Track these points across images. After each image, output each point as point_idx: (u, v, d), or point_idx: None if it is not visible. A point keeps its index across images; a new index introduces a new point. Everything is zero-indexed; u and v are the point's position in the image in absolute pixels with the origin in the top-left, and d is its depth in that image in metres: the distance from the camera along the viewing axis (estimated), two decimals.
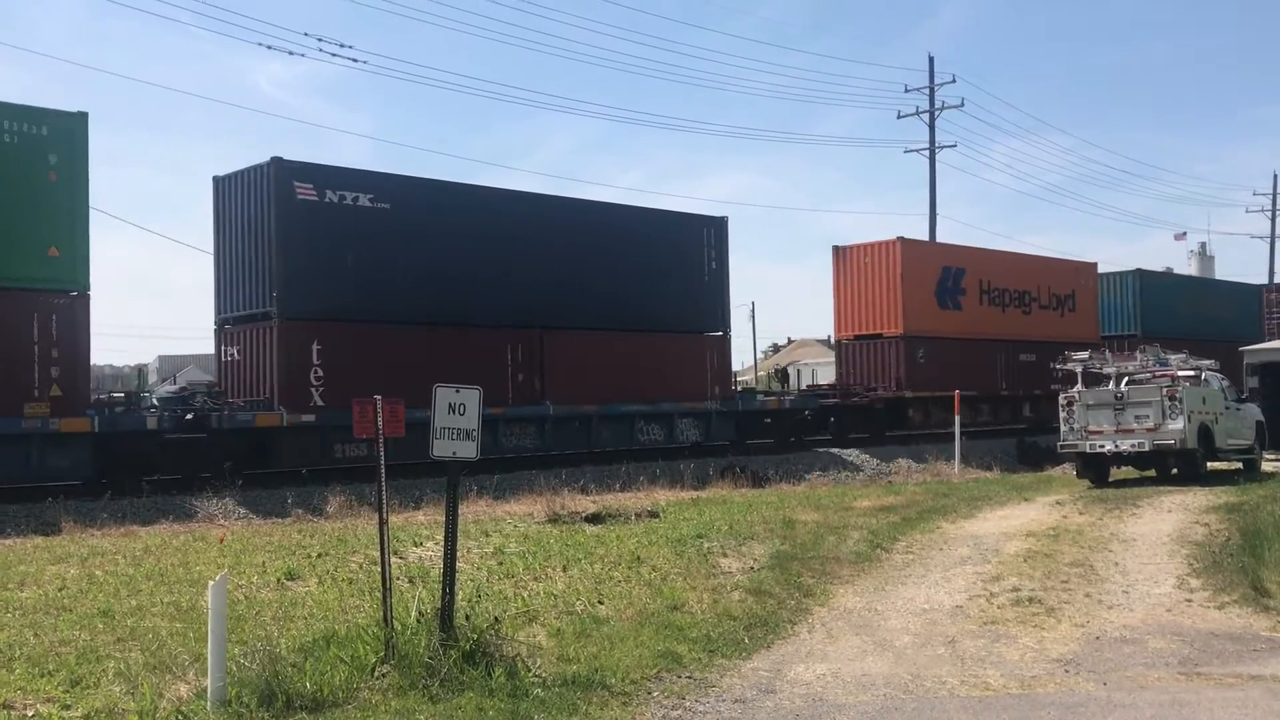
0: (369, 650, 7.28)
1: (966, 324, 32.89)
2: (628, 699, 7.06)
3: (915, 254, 32.23)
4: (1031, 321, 35.70)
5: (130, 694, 6.74)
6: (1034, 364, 34.24)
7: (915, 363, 30.95)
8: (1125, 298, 40.34)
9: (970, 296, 33.51)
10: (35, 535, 14.36)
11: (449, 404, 7.69)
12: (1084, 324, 37.77)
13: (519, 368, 23.34)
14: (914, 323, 31.24)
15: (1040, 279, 36.46)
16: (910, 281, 31.24)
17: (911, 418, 31.20)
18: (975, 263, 34.22)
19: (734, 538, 12.92)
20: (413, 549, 12.39)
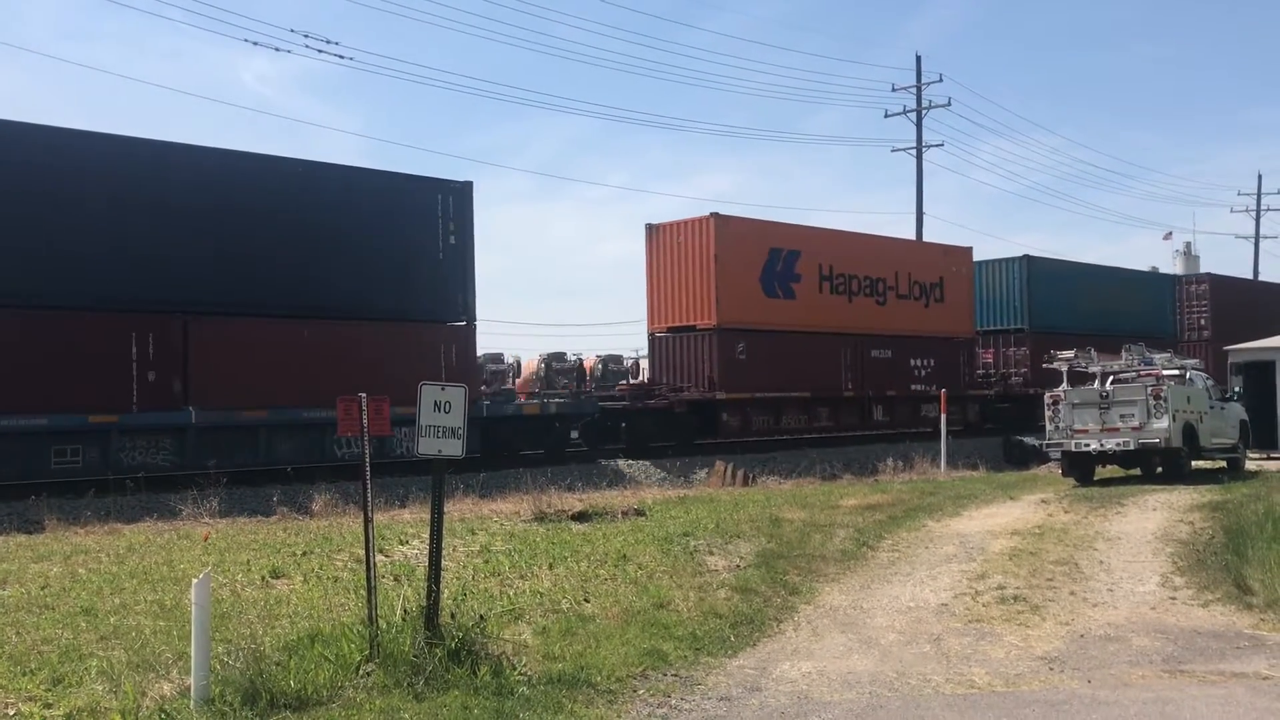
0: (354, 649, 7.26)
1: (802, 315, 29.00)
2: (613, 697, 7.05)
3: (734, 233, 27.63)
4: (887, 313, 31.65)
5: (113, 692, 6.70)
6: (889, 361, 31.33)
7: (732, 359, 27.00)
8: (1011, 287, 36.34)
9: (807, 283, 29.32)
10: (18, 533, 14.28)
11: (434, 401, 7.67)
12: (955, 316, 33.86)
13: (149, 364, 18.93)
14: (731, 313, 27.15)
15: (899, 264, 32.25)
16: (727, 265, 27.02)
17: (726, 423, 27.18)
18: (814, 244, 29.91)
19: (720, 536, 12.92)
20: (398, 547, 12.35)
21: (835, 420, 30.21)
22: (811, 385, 29.00)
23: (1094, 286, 38.20)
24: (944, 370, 32.35)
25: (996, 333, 36.36)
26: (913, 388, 31.81)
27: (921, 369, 32.11)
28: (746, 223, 28.80)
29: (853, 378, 30.28)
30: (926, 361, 32.21)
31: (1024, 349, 35.35)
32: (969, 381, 33.52)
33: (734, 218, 28.12)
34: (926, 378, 32.04)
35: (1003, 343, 36.10)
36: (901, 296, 32.19)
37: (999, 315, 36.42)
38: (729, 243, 27.23)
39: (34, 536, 13.82)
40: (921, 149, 45.71)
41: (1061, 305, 36.31)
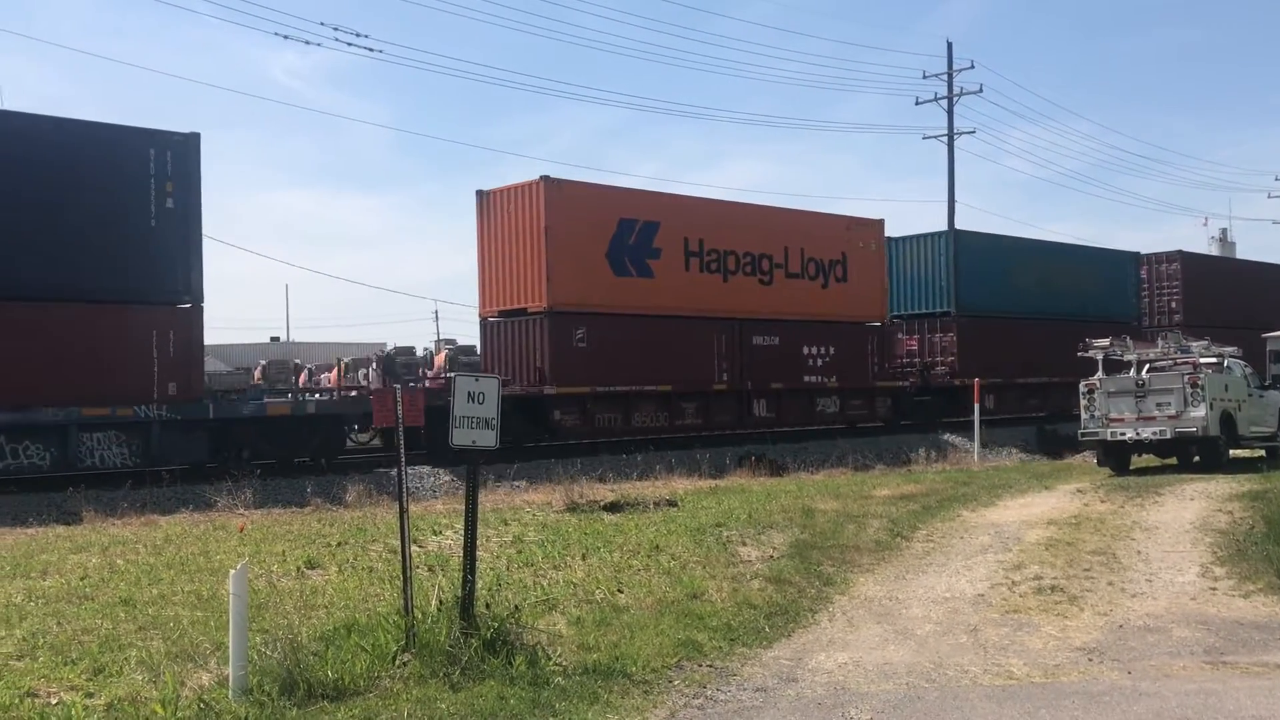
0: (390, 639, 7.28)
1: (662, 296, 24.94)
2: (649, 687, 7.04)
3: (570, 200, 23.67)
4: (774, 294, 27.38)
5: (152, 682, 6.75)
6: (776, 349, 27.14)
7: (568, 348, 23.26)
8: (936, 266, 32.24)
9: (669, 259, 25.20)
10: (57, 525, 14.44)
11: (468, 392, 7.66)
12: (862, 297, 29.61)
13: None
14: (567, 293, 23.31)
15: (789, 239, 27.90)
16: (562, 237, 23.22)
17: (560, 422, 23.32)
18: (678, 215, 25.67)
19: (753, 526, 12.89)
20: (432, 537, 12.40)
21: (705, 418, 25.85)
22: (675, 378, 24.96)
23: (1037, 265, 34.33)
24: (847, 359, 28.66)
25: (921, 317, 32.54)
26: (806, 379, 27.76)
27: (818, 358, 28.06)
28: (587, 188, 24.60)
29: (729, 368, 26.13)
30: (824, 349, 28.19)
31: (950, 335, 31.85)
32: (879, 372, 29.70)
33: (570, 182, 23.98)
34: (824, 368, 28.21)
35: (928, 328, 32.38)
36: (793, 275, 27.86)
37: (923, 298, 32.50)
38: (564, 211, 23.30)
39: (72, 528, 13.97)
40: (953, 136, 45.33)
41: (995, 286, 32.64)
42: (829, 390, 28.38)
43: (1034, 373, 32.90)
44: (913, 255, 32.64)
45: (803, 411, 28.06)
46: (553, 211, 23.23)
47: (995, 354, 31.85)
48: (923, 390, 30.96)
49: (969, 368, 31.00)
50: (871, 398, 29.66)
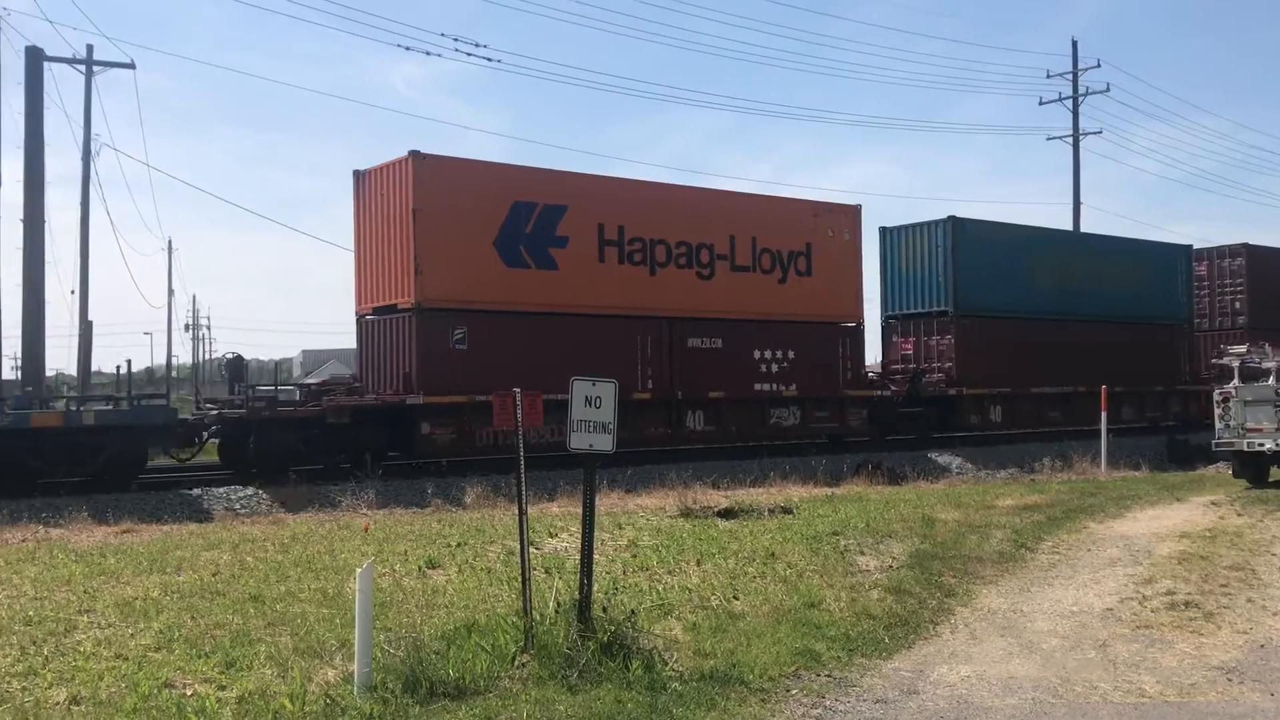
0: (509, 640, 7.36)
1: (567, 291, 21.87)
2: (766, 696, 6.97)
3: (446, 179, 20.63)
4: (715, 290, 23.92)
5: (281, 677, 6.94)
6: (718, 353, 23.71)
7: (442, 350, 20.33)
8: (934, 259, 28.26)
9: (578, 249, 22.06)
10: (190, 522, 14.98)
11: (585, 397, 7.72)
12: (830, 294, 25.67)
13: None
14: (441, 287, 20.36)
15: (737, 226, 24.30)
16: (435, 222, 20.29)
17: (428, 437, 20.23)
18: (591, 198, 22.38)
19: (871, 535, 12.69)
20: (548, 540, 12.51)
21: (629, 429, 21.75)
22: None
23: (1058, 258, 30.35)
24: (810, 365, 25.15)
25: (917, 317, 28.76)
26: (757, 387, 24.22)
27: (772, 363, 24.59)
28: (471, 166, 21.39)
29: (655, 375, 22.83)
30: (780, 353, 24.74)
31: (947, 338, 28.03)
32: (852, 379, 25.92)
33: (447, 158, 21.05)
34: (780, 374, 24.70)
35: (924, 330, 28.61)
36: (740, 269, 24.39)
37: (920, 295, 28.67)
38: (438, 192, 20.42)
39: (204, 525, 14.49)
40: (1078, 136, 44.14)
41: (1005, 282, 28.78)
42: (786, 400, 24.80)
43: (1054, 381, 29.48)
44: (909, 248, 29.04)
45: (751, 424, 24.42)
46: (423, 192, 20.26)
47: (1002, 359, 28.31)
48: (912, 400, 27.23)
49: (969, 374, 27.68)
50: (841, 409, 25.85)
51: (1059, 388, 29.54)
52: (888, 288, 29.33)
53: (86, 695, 6.52)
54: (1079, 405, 29.21)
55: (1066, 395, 29.66)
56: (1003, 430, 28.74)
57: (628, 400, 21.63)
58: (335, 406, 19.68)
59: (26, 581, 9.95)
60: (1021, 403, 29.08)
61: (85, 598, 9.23)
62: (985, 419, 28.22)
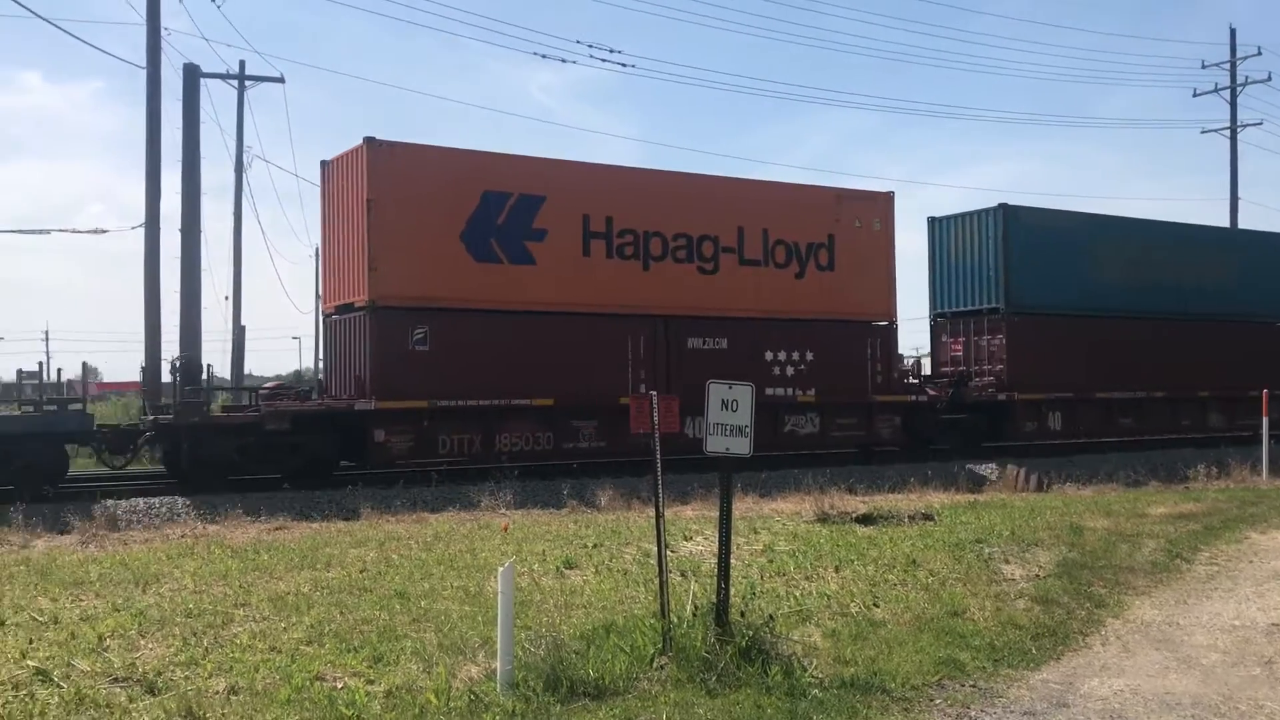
0: (647, 641, 7.38)
1: (545, 288, 20.20)
2: (909, 705, 6.83)
3: (405, 167, 19.15)
4: (721, 286, 22.00)
5: (426, 673, 7.10)
6: (723, 355, 21.75)
7: (401, 351, 18.91)
8: (985, 251, 25.83)
9: (559, 242, 20.35)
10: (338, 519, 15.46)
11: (722, 400, 7.70)
12: (857, 289, 23.37)
13: None
14: (399, 284, 18.94)
15: (746, 217, 22.29)
16: (391, 214, 18.88)
17: (383, 445, 18.81)
18: (573, 187, 20.67)
19: (1016, 543, 12.34)
20: (683, 543, 12.51)
21: (610, 439, 20.57)
22: (563, 389, 20.12)
23: (1130, 249, 27.25)
24: (833, 367, 23.04)
25: (967, 315, 26.40)
26: (769, 392, 22.06)
27: (787, 365, 22.61)
28: (434, 153, 19.73)
29: (649, 378, 20.94)
30: (797, 355, 22.72)
31: (998, 338, 25.62)
32: (883, 383, 23.42)
33: (405, 145, 19.44)
34: (796, 378, 22.67)
35: (974, 329, 26.23)
36: (750, 262, 22.39)
37: (969, 291, 26.33)
38: (396, 182, 19.00)
39: (351, 523, 14.92)
40: (1236, 129, 42.18)
41: (1066, 275, 26.11)
42: (803, 406, 22.72)
43: (1125, 385, 26.69)
44: (959, 239, 26.69)
45: (761, 432, 22.51)
46: (378, 181, 18.86)
47: (1062, 361, 25.69)
48: (957, 406, 24.93)
49: (1023, 377, 25.21)
50: (870, 416, 23.57)
51: (1131, 392, 26.87)
52: (937, 283, 27.18)
53: (244, 686, 6.78)
54: (1155, 412, 27.29)
55: (1140, 401, 27.09)
56: (1062, 439, 26.18)
57: (612, 406, 20.21)
58: (273, 412, 18.47)
59: (186, 575, 10.41)
60: (1086, 409, 26.41)
61: (241, 592, 9.61)
62: (1042, 426, 25.62)
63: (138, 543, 12.79)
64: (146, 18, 24.45)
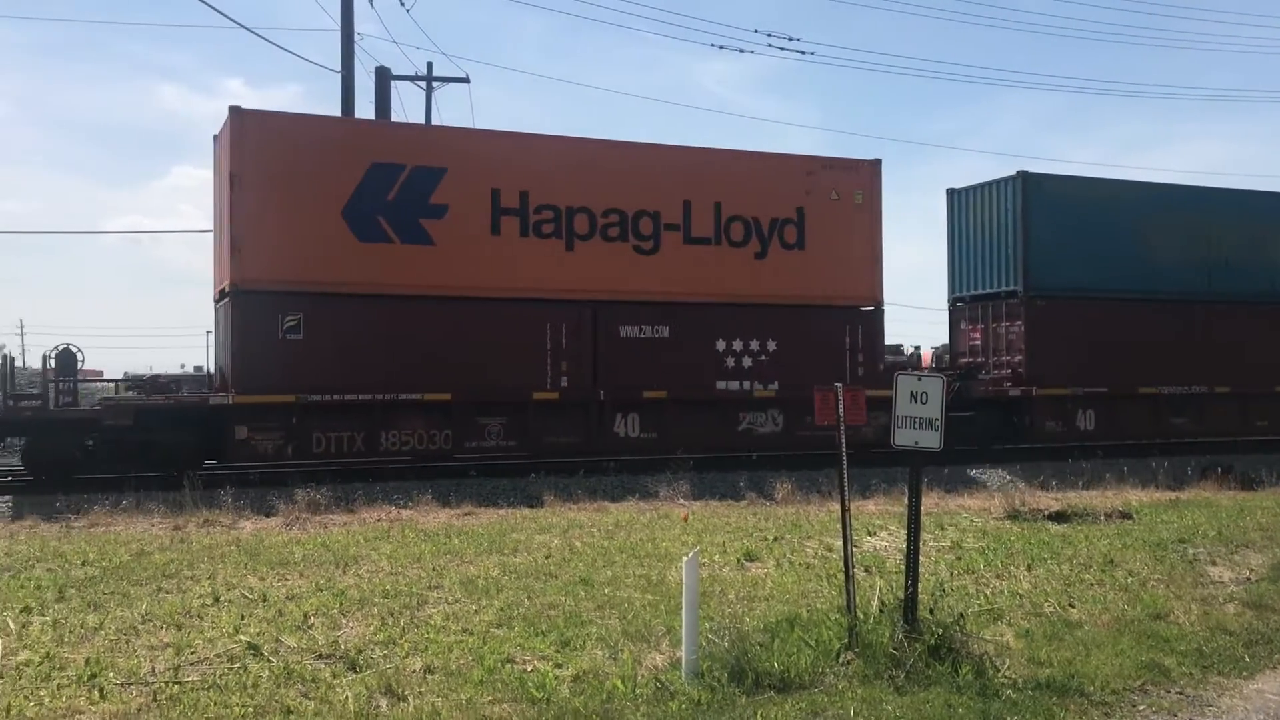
0: (832, 636, 7.29)
1: (446, 270, 18.17)
2: (1109, 710, 6.54)
3: (275, 138, 17.34)
4: (661, 267, 19.56)
5: (611, 659, 7.20)
6: (665, 344, 19.50)
7: (269, 340, 17.13)
8: (1003, 227, 22.79)
9: (463, 219, 18.28)
10: (524, 507, 15.84)
11: (910, 392, 7.52)
12: (833, 270, 20.53)
13: None
14: (268, 266, 17.14)
15: (693, 189, 19.80)
16: (258, 189, 17.15)
17: (246, 442, 17.11)
18: (480, 159, 18.55)
19: (1224, 544, 11.68)
20: (866, 538, 12.32)
21: (523, 437, 18.67)
22: (464, 382, 18.14)
23: (1185, 224, 23.51)
24: (799, 357, 20.29)
25: (986, 299, 23.36)
26: (721, 386, 19.88)
27: (744, 356, 20.16)
28: (308, 124, 17.92)
29: (572, 370, 18.93)
30: (756, 345, 20.22)
31: (1016, 324, 22.57)
32: (865, 376, 20.44)
33: (274, 113, 17.72)
34: (755, 370, 20.17)
35: (992, 315, 23.13)
36: (697, 240, 19.85)
37: (988, 272, 23.28)
38: (264, 155, 17.19)
39: (536, 510, 15.26)
40: None
41: (1097, 254, 22.66)
42: (761, 402, 20.19)
43: (1179, 379, 23.14)
44: (977, 214, 23.51)
45: (710, 431, 19.97)
46: (244, 154, 17.14)
47: (1095, 352, 22.39)
48: (964, 402, 21.54)
49: (1043, 370, 22.15)
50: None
51: (1186, 388, 23.22)
52: (955, 264, 24.26)
53: (439, 666, 7.02)
54: (1219, 410, 23.59)
55: (1198, 398, 23.38)
56: (1097, 441, 22.66)
57: (524, 401, 18.56)
58: (113, 407, 17.09)
59: (383, 557, 10.85)
60: (1125, 406, 22.83)
61: (434, 574, 9.96)
62: (1070, 426, 22.37)
63: (337, 526, 13.40)
64: (340, 24, 25.59)
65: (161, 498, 14.88)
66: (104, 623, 8.10)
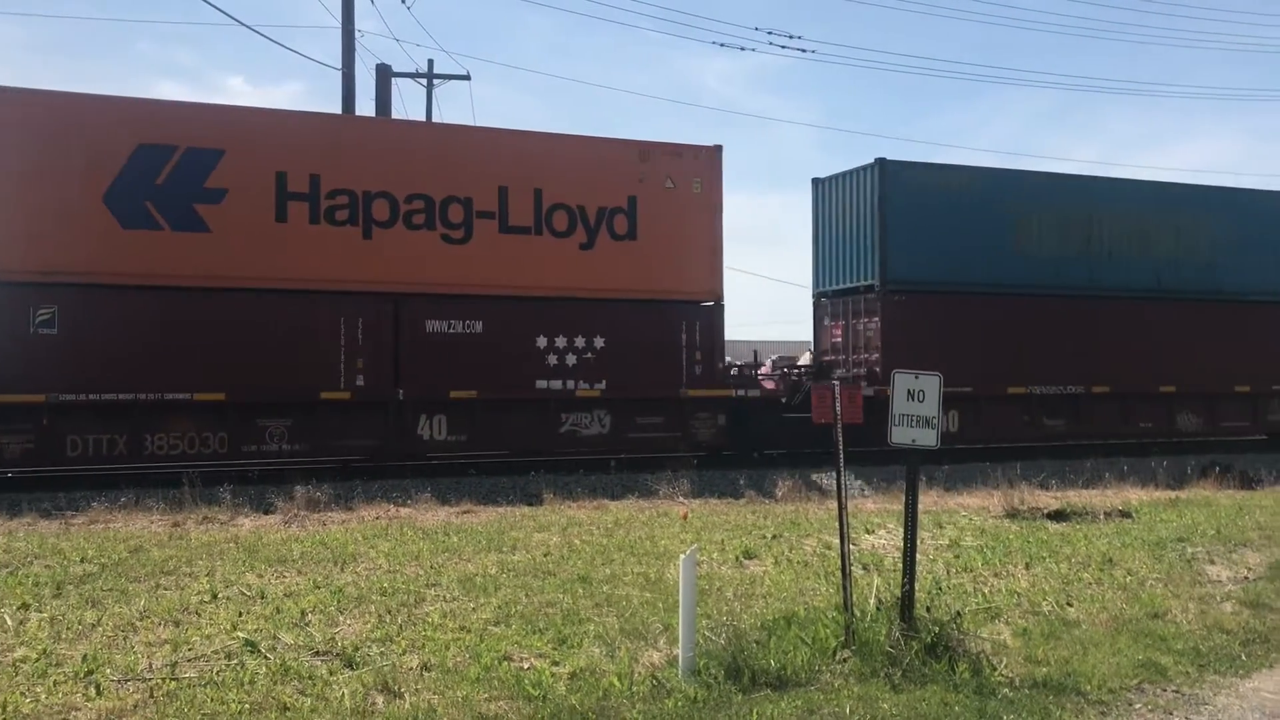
0: (829, 634, 7.29)
1: (222, 259, 16.81)
2: (1105, 708, 6.55)
3: (22, 119, 16.18)
4: (475, 258, 18.25)
5: (609, 656, 7.21)
6: (478, 340, 18.24)
7: (17, 334, 15.96)
8: (862, 218, 21.54)
9: (243, 205, 17.00)
10: (522, 505, 15.84)
11: (907, 390, 7.53)
12: (668, 262, 19.31)
13: None
14: (13, 255, 15.99)
15: (511, 176, 18.53)
16: (8, 172, 16.09)
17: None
18: (262, 140, 17.28)
19: (1222, 543, 11.69)
20: (865, 536, 12.32)
21: (312, 440, 17.37)
22: (241, 380, 16.82)
23: (1063, 214, 22.33)
24: (630, 355, 19.10)
25: (847, 294, 22.08)
26: (541, 385, 18.65)
27: (567, 353, 18.84)
28: (65, 102, 16.57)
29: (368, 368, 17.66)
30: (582, 342, 18.93)
31: (873, 320, 21.28)
32: (703, 375, 19.42)
33: (28, 90, 16.50)
34: (580, 368, 18.90)
35: (853, 310, 21.87)
36: (515, 230, 18.58)
37: (849, 265, 21.98)
38: (13, 136, 16.15)
39: (534, 508, 15.26)
40: None
41: (961, 246, 21.32)
42: (586, 402, 19.01)
43: (1054, 379, 21.72)
44: (840, 204, 22.21)
45: (530, 433, 18.77)
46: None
47: (959, 350, 20.73)
48: (807, 402, 19.52)
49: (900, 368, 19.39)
50: (682, 414, 19.58)
51: (1061, 388, 21.87)
52: (819, 257, 23.01)
53: (436, 663, 7.03)
54: (1097, 411, 22.32)
55: (1075, 398, 22.08)
56: (961, 443, 21.26)
57: (312, 402, 17.25)
58: None
59: (381, 555, 10.85)
60: (993, 407, 21.47)
61: (431, 572, 9.96)
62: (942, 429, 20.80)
63: (335, 523, 13.41)
64: (341, 21, 25.57)
65: (161, 494, 14.89)
66: (101, 619, 8.11)
